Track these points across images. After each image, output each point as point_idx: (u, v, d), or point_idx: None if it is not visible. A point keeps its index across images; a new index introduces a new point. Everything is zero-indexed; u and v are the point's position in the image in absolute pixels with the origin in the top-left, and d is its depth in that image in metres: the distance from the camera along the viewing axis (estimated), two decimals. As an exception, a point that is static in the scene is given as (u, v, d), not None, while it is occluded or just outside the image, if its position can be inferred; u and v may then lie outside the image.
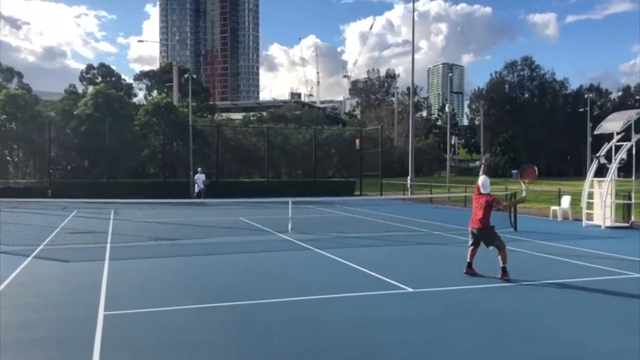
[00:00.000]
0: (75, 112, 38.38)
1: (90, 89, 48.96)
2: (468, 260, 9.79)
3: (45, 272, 10.25)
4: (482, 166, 10.72)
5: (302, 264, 11.36)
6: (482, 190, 9.70)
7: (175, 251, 12.69)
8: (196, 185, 29.26)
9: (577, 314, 7.34)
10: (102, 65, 62.37)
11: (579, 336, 6.37)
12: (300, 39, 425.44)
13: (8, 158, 39.56)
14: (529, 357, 5.63)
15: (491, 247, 9.62)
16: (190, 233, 15.82)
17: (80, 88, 57.29)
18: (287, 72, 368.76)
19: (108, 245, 13.35)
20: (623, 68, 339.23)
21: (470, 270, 9.73)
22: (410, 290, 8.58)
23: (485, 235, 9.65)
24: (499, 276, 9.31)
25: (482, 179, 9.79)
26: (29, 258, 11.52)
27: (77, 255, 12.01)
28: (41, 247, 13.08)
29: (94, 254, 11.97)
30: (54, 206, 25.18)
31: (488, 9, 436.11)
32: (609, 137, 18.54)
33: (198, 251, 12.66)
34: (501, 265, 9.34)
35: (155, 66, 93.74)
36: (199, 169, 30.26)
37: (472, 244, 9.87)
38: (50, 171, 34.78)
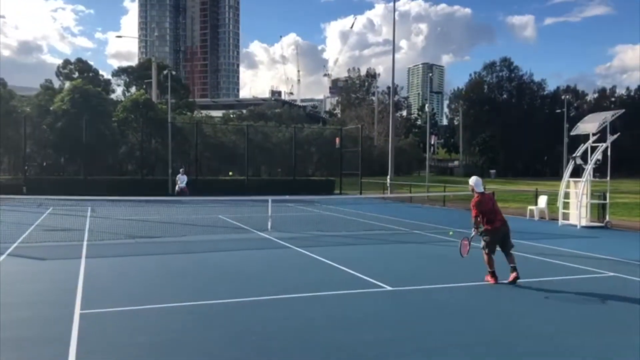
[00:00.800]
0: (51, 108, 37.79)
1: (67, 84, 48.23)
2: (492, 269, 9.15)
3: (20, 270, 10.07)
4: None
5: (281, 262, 11.33)
6: (477, 190, 9.32)
7: (153, 249, 12.56)
8: (177, 185, 28.89)
9: (554, 311, 7.43)
10: (79, 60, 61.43)
11: (556, 333, 6.45)
12: (281, 36, 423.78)
13: (-19, 154, 38.80)
14: (506, 353, 5.69)
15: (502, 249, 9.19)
16: (169, 231, 15.68)
17: (56, 83, 56.40)
18: (267, 70, 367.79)
19: (85, 243, 13.17)
20: (599, 70, 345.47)
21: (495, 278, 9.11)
22: (389, 288, 8.61)
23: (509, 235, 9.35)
24: (511, 279, 8.93)
25: (475, 179, 9.53)
26: (3, 256, 11.30)
27: (53, 253, 11.82)
28: (16, 244, 12.84)
29: (71, 252, 11.80)
30: (29, 203, 24.75)
31: (468, 10, 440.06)
32: (585, 138, 18.83)
33: (176, 249, 12.55)
34: (513, 263, 9.07)
35: (134, 62, 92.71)
36: (181, 169, 29.91)
37: (491, 250, 9.18)
38: (26, 167, 34.17)
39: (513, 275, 8.94)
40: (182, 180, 28.60)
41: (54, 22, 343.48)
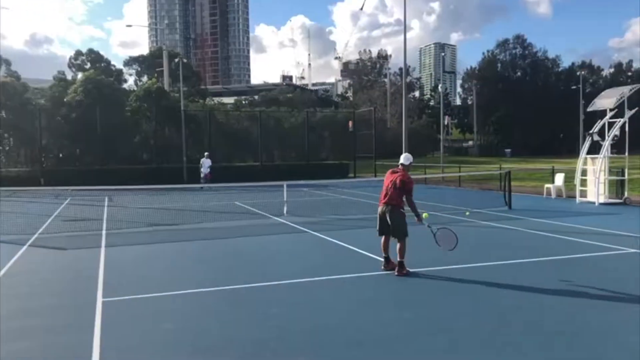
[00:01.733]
0: (65, 99, 37.97)
1: (80, 75, 48.42)
2: (385, 255, 8.53)
3: (42, 260, 10.22)
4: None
5: (299, 246, 11.38)
6: (403, 162, 8.81)
7: (171, 236, 12.67)
8: (201, 170, 29.08)
9: (574, 289, 7.38)
10: (90, 51, 61.62)
11: (578, 311, 6.43)
12: (290, 20, 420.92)
13: (-1, 147, 39.23)
14: (528, 331, 5.68)
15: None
16: (186, 218, 15.79)
17: (69, 74, 56.71)
18: (276, 54, 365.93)
19: (104, 232, 13.31)
20: (612, 44, 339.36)
21: (389, 265, 8.49)
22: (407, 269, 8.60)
23: (394, 217, 8.41)
24: (396, 271, 8.27)
25: (405, 154, 9.02)
26: (25, 247, 11.47)
27: (73, 242, 11.97)
28: (36, 235, 13.02)
29: (90, 242, 11.94)
30: (47, 194, 25.05)
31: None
32: (601, 114, 18.57)
33: (194, 236, 12.65)
34: (399, 258, 8.31)
35: (140, 50, 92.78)
36: (206, 153, 30.03)
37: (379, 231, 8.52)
38: (42, 159, 34.52)
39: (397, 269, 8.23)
40: (205, 164, 28.73)
41: (63, 13, 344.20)
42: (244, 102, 70.38)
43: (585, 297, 6.99)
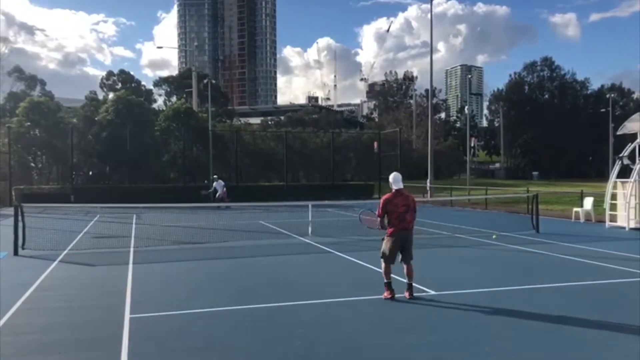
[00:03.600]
0: (96, 118, 38.95)
1: (111, 95, 49.63)
2: (388, 280, 8.17)
3: (71, 275, 10.42)
4: None
5: (323, 267, 11.39)
6: (394, 187, 8.49)
7: (197, 254, 12.81)
8: (216, 192, 29.40)
9: (603, 315, 7.24)
10: (122, 71, 63.18)
11: (607, 337, 6.30)
12: (316, 42, 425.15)
13: (32, 164, 40.26)
14: (554, 358, 5.59)
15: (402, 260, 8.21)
16: (212, 237, 15.94)
17: (100, 94, 58.11)
18: (302, 76, 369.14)
19: (131, 250, 13.52)
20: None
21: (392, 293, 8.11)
22: (433, 292, 8.55)
23: (411, 243, 8.25)
24: (407, 294, 8.12)
25: (394, 175, 8.69)
26: (55, 262, 11.71)
27: (102, 259, 12.18)
28: (66, 251, 13.29)
29: (118, 258, 12.14)
30: (77, 211, 25.55)
31: (507, 9, 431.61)
32: (632, 137, 18.28)
33: (220, 254, 12.77)
34: (410, 281, 8.18)
35: (169, 71, 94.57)
36: (215, 175, 30.42)
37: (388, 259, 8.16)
38: (73, 177, 35.28)
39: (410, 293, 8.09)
40: (219, 185, 28.99)
41: (95, 34, 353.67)
42: (270, 122, 71.04)
43: (613, 326, 6.85)
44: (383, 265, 8.22)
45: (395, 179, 8.54)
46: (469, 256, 12.64)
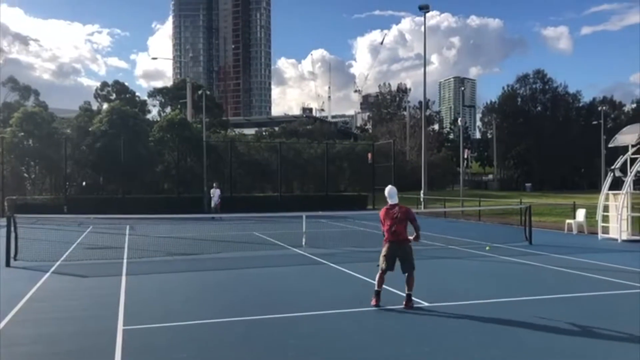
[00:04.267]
0: (90, 129, 38.87)
1: (105, 105, 49.61)
2: (378, 289, 8.44)
3: (64, 287, 10.38)
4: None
5: (317, 278, 11.39)
6: (390, 201, 8.68)
7: (191, 266, 12.79)
8: (212, 200, 29.50)
9: (596, 327, 7.29)
10: (116, 82, 63.18)
11: (600, 349, 6.34)
12: (311, 54, 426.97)
13: (25, 175, 40.08)
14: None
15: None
16: (205, 248, 15.92)
17: (94, 105, 58.07)
18: (296, 87, 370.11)
19: (125, 261, 13.48)
20: (634, 79, 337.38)
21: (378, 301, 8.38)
22: (426, 304, 8.58)
23: (406, 253, 8.43)
24: (404, 304, 8.30)
25: (389, 189, 8.86)
26: (48, 273, 11.66)
27: (95, 270, 12.14)
28: (59, 262, 13.24)
29: (111, 269, 12.10)
30: (71, 222, 25.45)
31: (500, 22, 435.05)
32: (623, 149, 18.45)
33: (213, 266, 12.75)
34: (408, 291, 8.35)
35: (163, 81, 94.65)
36: (215, 183, 30.54)
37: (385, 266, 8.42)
38: (66, 187, 35.16)
39: (406, 302, 8.26)
40: (216, 194, 29.10)
41: (90, 45, 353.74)
42: (264, 133, 71.24)
43: (606, 337, 6.89)
44: (378, 273, 8.43)
45: (389, 194, 8.76)
46: (462, 267, 12.68)
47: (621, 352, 6.23)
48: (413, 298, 8.46)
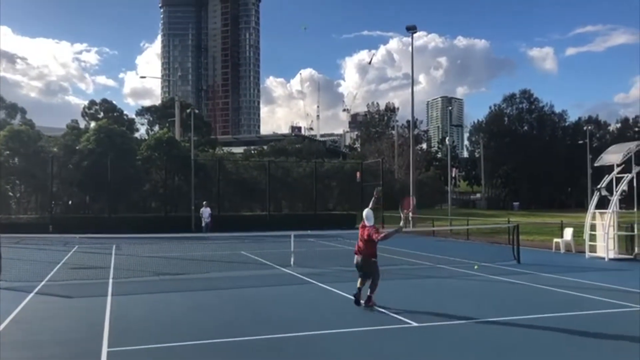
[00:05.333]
0: (77, 147, 38.62)
1: (93, 124, 49.42)
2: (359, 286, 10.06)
3: (48, 308, 10.20)
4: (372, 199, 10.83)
5: (305, 298, 11.31)
6: (366, 223, 10.11)
7: (178, 286, 12.65)
8: (202, 219, 29.41)
9: (581, 347, 7.28)
10: (104, 100, 62.99)
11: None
12: (300, 73, 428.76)
13: (10, 193, 39.65)
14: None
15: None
16: (193, 268, 15.77)
17: (82, 123, 57.73)
18: (285, 106, 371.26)
19: (110, 281, 13.31)
20: (618, 99, 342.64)
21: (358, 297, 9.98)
22: (415, 324, 8.53)
23: (368, 265, 9.97)
24: (364, 302, 9.79)
25: (365, 212, 10.28)
26: (32, 294, 11.47)
27: (80, 290, 11.97)
28: (43, 282, 13.03)
29: (97, 290, 11.94)
30: (56, 241, 25.12)
31: (487, 43, 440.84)
32: (609, 168, 18.64)
33: (201, 286, 12.62)
34: (369, 293, 9.83)
35: (151, 100, 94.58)
36: (205, 202, 30.45)
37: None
38: (52, 206, 34.80)
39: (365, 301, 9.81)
40: (206, 214, 29.03)
41: (78, 63, 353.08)
42: (253, 152, 71.09)
43: (594, 356, 6.88)
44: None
45: (367, 216, 10.26)
46: (451, 287, 12.66)
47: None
48: (401, 318, 8.39)
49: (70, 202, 40.27)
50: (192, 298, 11.20)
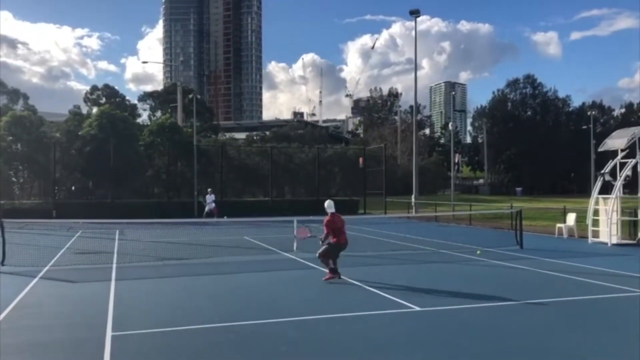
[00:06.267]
0: (79, 133, 38.59)
1: (95, 109, 49.31)
2: (334, 267, 11.10)
3: (52, 293, 10.25)
4: None
5: (308, 283, 11.34)
6: (331, 211, 11.37)
7: (181, 271, 12.69)
8: (206, 205, 29.48)
9: (583, 332, 7.29)
10: (106, 86, 62.81)
11: (585, 355, 6.33)
12: (302, 58, 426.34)
13: (13, 179, 39.69)
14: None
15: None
16: (196, 253, 15.81)
17: (84, 109, 57.65)
18: (287, 91, 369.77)
19: (114, 266, 13.35)
20: (622, 84, 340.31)
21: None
22: (417, 309, 8.55)
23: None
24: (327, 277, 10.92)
25: (327, 202, 11.46)
26: (36, 279, 11.52)
27: (84, 275, 12.01)
28: (47, 267, 13.08)
29: (101, 275, 11.98)
30: (59, 227, 25.20)
31: (491, 28, 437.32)
32: (613, 154, 18.56)
33: (204, 271, 12.66)
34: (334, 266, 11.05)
35: (153, 85, 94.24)
36: (209, 189, 30.49)
37: (332, 256, 11.22)
38: (55, 192, 34.85)
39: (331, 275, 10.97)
40: (209, 200, 29.11)
41: (79, 49, 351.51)
42: (255, 137, 70.96)
43: (597, 340, 6.89)
44: (322, 259, 11.14)
45: (329, 205, 11.34)
46: (453, 272, 12.67)
47: (612, 355, 6.22)
48: (403, 302, 8.41)
49: (73, 188, 40.33)
50: (195, 283, 11.24)
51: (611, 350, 6.46)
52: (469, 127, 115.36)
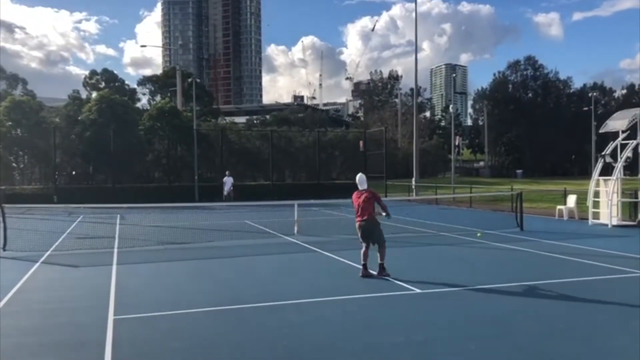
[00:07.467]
0: (79, 118, 38.56)
1: (94, 94, 49.10)
2: (363, 262, 9.74)
3: (54, 277, 10.30)
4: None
5: (309, 266, 11.38)
6: (361, 187, 10.18)
7: (182, 255, 12.73)
8: (225, 188, 29.45)
9: (584, 312, 7.32)
10: (105, 70, 62.43)
11: (586, 335, 6.36)
12: (302, 41, 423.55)
13: (14, 164, 39.71)
14: (539, 357, 5.63)
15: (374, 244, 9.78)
16: (197, 237, 15.86)
17: (84, 94, 57.42)
18: (287, 75, 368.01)
19: (115, 250, 13.40)
20: (624, 65, 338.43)
21: (366, 272, 9.69)
22: (418, 291, 8.59)
23: (373, 227, 9.75)
24: (376, 272, 9.62)
25: (359, 176, 10.50)
26: (37, 263, 11.57)
27: (85, 260, 12.05)
28: (49, 252, 13.13)
29: (102, 259, 12.02)
30: (60, 212, 25.26)
31: (492, 9, 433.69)
32: (614, 135, 18.51)
33: (205, 255, 12.70)
34: (380, 261, 9.63)
35: (152, 69, 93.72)
36: (227, 172, 30.46)
37: (363, 242, 9.89)
38: (56, 177, 34.89)
39: (378, 272, 9.59)
40: (229, 182, 29.09)
41: (77, 33, 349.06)
42: (255, 121, 70.81)
43: (596, 322, 6.93)
44: (362, 249, 9.80)
45: (360, 181, 10.32)
46: (454, 254, 12.70)
47: (612, 337, 6.25)
48: (403, 284, 8.44)
49: (73, 173, 40.36)
50: (196, 266, 11.28)
51: (610, 330, 6.49)
52: (470, 110, 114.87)
